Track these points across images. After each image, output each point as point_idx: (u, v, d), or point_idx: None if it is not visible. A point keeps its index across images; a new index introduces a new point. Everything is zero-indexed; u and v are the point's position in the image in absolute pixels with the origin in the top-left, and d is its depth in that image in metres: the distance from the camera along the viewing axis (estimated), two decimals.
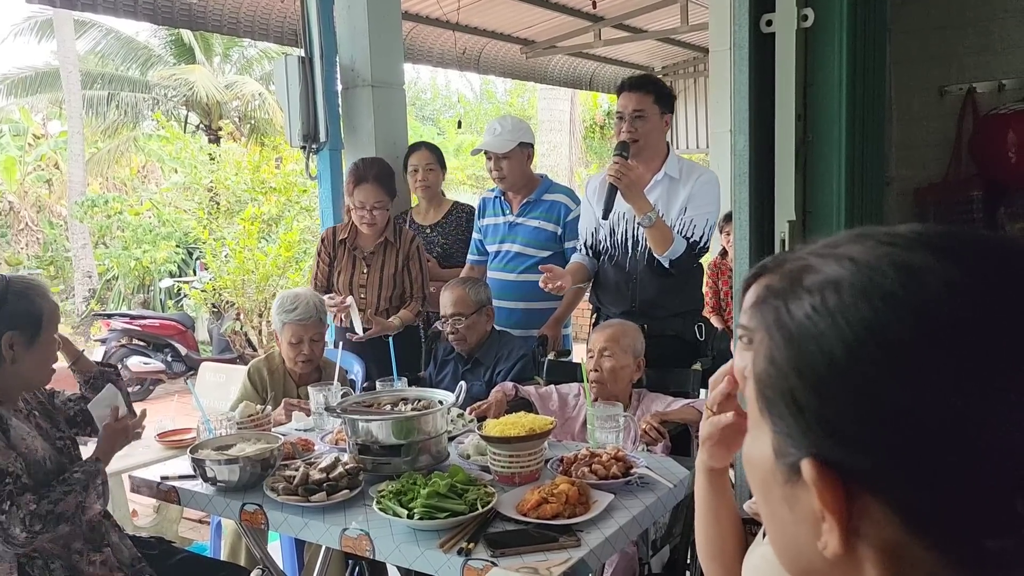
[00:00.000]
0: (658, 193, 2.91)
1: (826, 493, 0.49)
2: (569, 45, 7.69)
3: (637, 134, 2.87)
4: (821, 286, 0.50)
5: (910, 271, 0.48)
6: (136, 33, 15.46)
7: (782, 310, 0.52)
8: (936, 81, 3.08)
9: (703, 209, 2.87)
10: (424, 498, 1.80)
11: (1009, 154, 2.93)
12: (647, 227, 2.77)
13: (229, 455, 2.09)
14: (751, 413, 0.57)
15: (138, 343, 7.77)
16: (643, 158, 2.92)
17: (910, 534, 0.48)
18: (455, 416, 2.53)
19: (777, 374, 0.51)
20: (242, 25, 5.45)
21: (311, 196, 8.89)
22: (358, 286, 3.42)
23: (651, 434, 2.33)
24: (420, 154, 3.84)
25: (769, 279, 0.55)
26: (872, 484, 0.48)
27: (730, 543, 1.18)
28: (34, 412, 2.06)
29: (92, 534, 2.01)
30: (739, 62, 2.21)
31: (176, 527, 3.82)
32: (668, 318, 2.92)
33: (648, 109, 2.88)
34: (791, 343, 0.50)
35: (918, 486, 0.47)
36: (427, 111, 22.66)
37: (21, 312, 1.92)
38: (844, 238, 0.53)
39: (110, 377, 2.26)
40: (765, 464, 0.55)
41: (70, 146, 13.09)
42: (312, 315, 2.86)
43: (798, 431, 0.50)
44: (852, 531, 0.49)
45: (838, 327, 0.48)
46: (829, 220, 2.24)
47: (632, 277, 2.96)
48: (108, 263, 11.19)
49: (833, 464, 0.49)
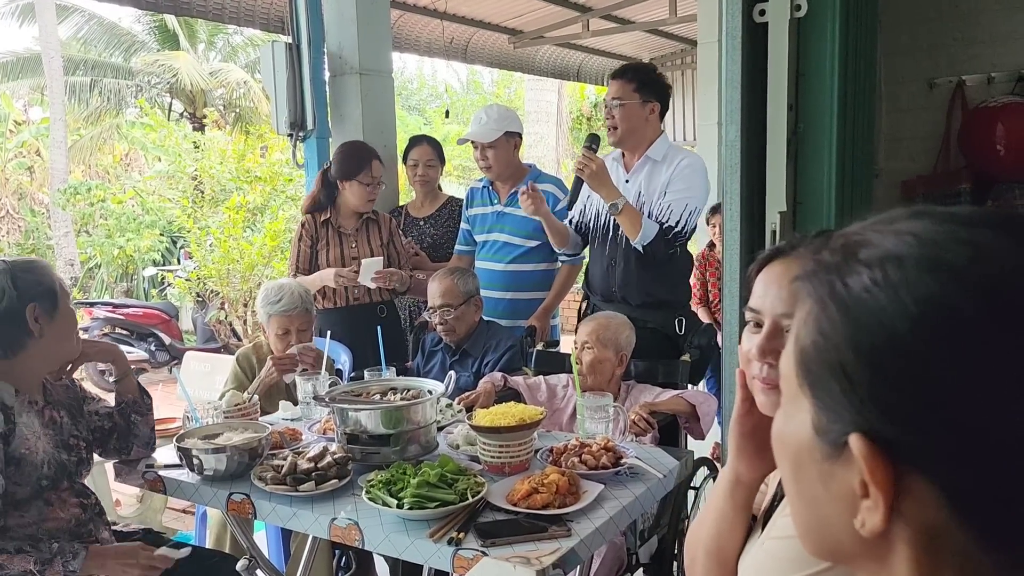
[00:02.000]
0: (640, 176, 2.92)
1: (876, 469, 0.48)
2: (557, 35, 7.66)
3: (615, 121, 2.90)
4: (881, 260, 0.49)
5: (977, 248, 0.47)
6: (120, 19, 15.35)
7: (836, 283, 0.51)
8: (925, 73, 3.09)
9: (682, 194, 2.85)
10: (414, 488, 1.79)
11: (998, 147, 2.95)
12: (615, 215, 2.81)
13: (216, 444, 2.07)
14: (787, 389, 0.56)
15: (121, 332, 7.71)
16: (628, 145, 2.94)
17: (953, 516, 0.47)
18: (444, 406, 2.52)
19: (827, 346, 0.50)
20: (227, 11, 5.38)
21: (297, 185, 8.83)
22: (349, 258, 3.43)
23: (640, 424, 2.33)
24: (421, 149, 3.85)
25: (816, 256, 0.54)
26: (922, 462, 0.47)
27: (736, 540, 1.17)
28: (60, 405, 2.03)
29: (78, 530, 1.97)
30: (731, 51, 2.20)
31: (160, 517, 3.79)
32: (649, 308, 2.91)
33: (627, 96, 2.88)
34: (846, 316, 0.49)
35: (970, 467, 0.46)
36: (413, 101, 22.54)
37: (34, 286, 1.91)
38: (900, 215, 0.52)
39: (142, 410, 2.20)
40: (801, 441, 0.54)
41: (52, 133, 12.92)
42: (298, 305, 2.84)
43: (846, 406, 0.49)
44: (894, 510, 0.49)
45: (900, 301, 0.47)
46: (819, 211, 2.24)
47: (613, 260, 2.97)
48: (91, 251, 11.07)
49: (882, 441, 0.48)
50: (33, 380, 1.98)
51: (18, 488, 1.86)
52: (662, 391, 2.59)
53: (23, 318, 1.89)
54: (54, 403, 2.02)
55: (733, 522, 1.11)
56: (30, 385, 1.96)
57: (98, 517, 2.03)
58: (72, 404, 2.09)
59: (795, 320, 0.54)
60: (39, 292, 1.92)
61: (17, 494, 1.86)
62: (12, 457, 1.86)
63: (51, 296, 1.94)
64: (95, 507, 2.03)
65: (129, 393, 2.18)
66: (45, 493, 1.93)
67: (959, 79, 3.04)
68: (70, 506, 1.97)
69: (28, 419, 1.91)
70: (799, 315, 0.53)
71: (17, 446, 1.86)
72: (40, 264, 2.00)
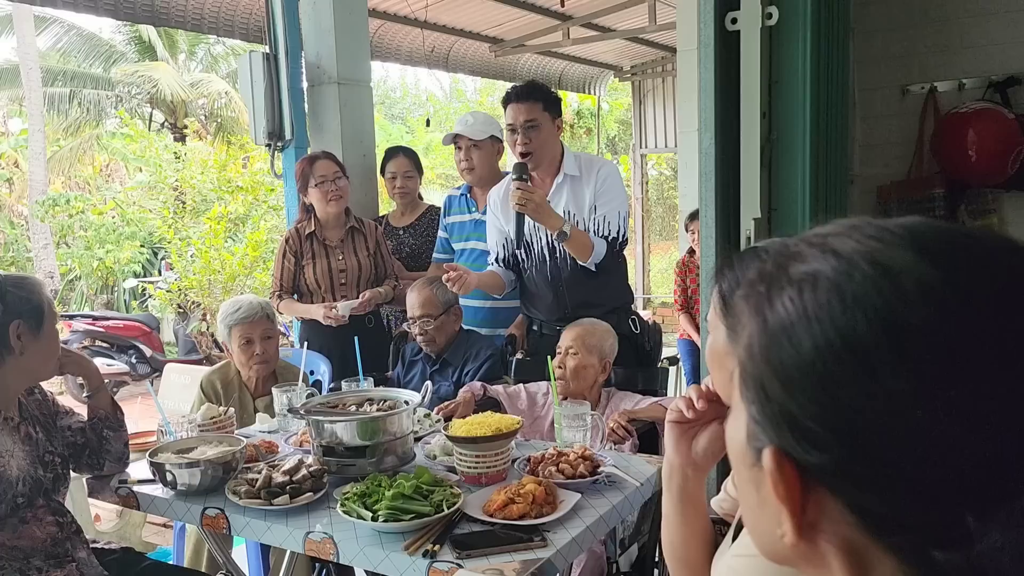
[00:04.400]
0: (564, 196, 2.89)
1: (780, 484, 0.49)
2: (538, 44, 7.69)
3: (532, 145, 2.83)
4: (801, 279, 0.50)
5: (886, 271, 0.47)
6: (99, 29, 15.20)
7: (764, 299, 0.52)
8: (898, 80, 3.12)
9: (613, 204, 2.86)
10: (389, 500, 1.77)
11: (970, 152, 2.98)
12: (564, 241, 2.75)
13: (190, 458, 2.05)
14: (734, 392, 0.57)
15: (101, 344, 7.64)
16: (543, 167, 2.90)
17: (866, 535, 0.48)
18: (422, 416, 2.51)
19: (751, 361, 0.52)
20: (206, 21, 5.37)
21: (278, 195, 8.80)
22: (337, 271, 3.42)
23: (619, 432, 2.33)
24: (398, 161, 3.85)
25: (759, 265, 0.55)
26: (829, 482, 0.48)
27: (698, 546, 1.17)
28: (35, 421, 2.01)
29: (55, 548, 1.94)
30: (705, 60, 2.21)
31: (140, 532, 3.75)
32: (603, 315, 2.90)
33: (539, 117, 2.84)
34: (766, 333, 0.50)
35: (872, 489, 0.46)
36: (396, 110, 22.53)
37: (22, 303, 1.90)
38: (838, 228, 0.52)
39: (114, 425, 2.17)
40: (738, 445, 0.55)
41: (31, 144, 12.82)
42: (257, 312, 2.80)
43: (765, 420, 0.51)
44: (810, 525, 0.50)
45: (809, 323, 0.48)
46: (794, 218, 2.26)
47: (559, 284, 2.94)
48: (70, 263, 11.00)
49: (793, 457, 0.49)
50: (8, 396, 1.95)
51: None
52: (642, 398, 2.60)
53: (5, 334, 1.87)
54: (29, 419, 2.00)
55: (687, 516, 1.13)
56: (5, 401, 1.94)
57: (75, 535, 2.00)
58: (46, 419, 2.06)
59: (737, 330, 0.55)
60: (26, 310, 1.90)
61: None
62: None
63: (37, 315, 1.92)
64: (71, 525, 2.00)
65: (102, 408, 2.16)
66: (21, 511, 1.90)
67: (931, 86, 3.07)
68: (46, 524, 1.94)
69: (3, 436, 1.89)
70: (740, 324, 0.54)
71: None
72: (31, 281, 1.99)
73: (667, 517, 1.16)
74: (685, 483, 1.13)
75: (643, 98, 10.05)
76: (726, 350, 0.99)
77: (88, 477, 2.21)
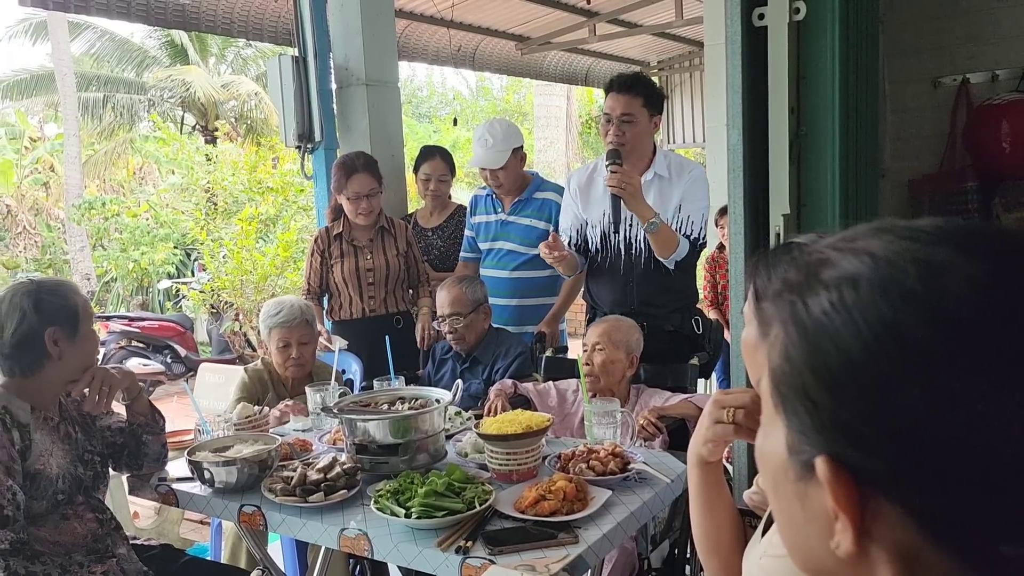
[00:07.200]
0: (652, 194, 2.87)
1: (840, 493, 0.48)
2: (564, 41, 7.68)
3: (624, 138, 2.79)
4: (839, 282, 0.49)
5: (931, 268, 0.46)
6: (131, 34, 15.47)
7: (798, 305, 0.50)
8: (929, 72, 3.09)
9: (697, 205, 2.86)
10: (422, 497, 1.80)
11: (1003, 144, 2.94)
12: (652, 232, 2.73)
13: (226, 456, 2.09)
14: (765, 407, 0.55)
15: (137, 345, 7.77)
16: (631, 161, 2.85)
17: (924, 538, 0.46)
18: (453, 414, 2.53)
19: (792, 371, 0.50)
20: (236, 25, 5.44)
21: (308, 195, 8.89)
22: (365, 271, 3.43)
23: (649, 429, 2.34)
24: (434, 163, 3.84)
25: (784, 271, 0.54)
26: (886, 487, 0.47)
27: (728, 536, 1.18)
28: (73, 421, 2.06)
29: (96, 544, 1.99)
30: (732, 56, 2.21)
31: (178, 528, 3.82)
32: (667, 314, 2.91)
33: (637, 112, 2.80)
34: (806, 339, 0.49)
35: (933, 490, 0.45)
36: (423, 109, 22.64)
37: (57, 308, 1.94)
38: (863, 232, 0.51)
39: (154, 430, 2.19)
40: (777, 460, 0.53)
41: (66, 148, 13.07)
42: (297, 317, 2.84)
43: (812, 429, 0.49)
44: (865, 532, 0.48)
45: (855, 325, 0.47)
46: (823, 213, 2.24)
47: (630, 280, 2.93)
48: (106, 265, 11.19)
49: (847, 464, 0.47)
50: (49, 398, 2.00)
51: (34, 503, 1.89)
52: (671, 395, 2.59)
53: (41, 341, 1.91)
54: (69, 419, 2.05)
55: (714, 503, 1.17)
56: (46, 402, 1.99)
57: (115, 532, 2.05)
58: (85, 420, 2.11)
59: (767, 341, 0.54)
60: (61, 316, 1.94)
61: (33, 508, 1.89)
62: (28, 472, 1.89)
63: (73, 319, 1.96)
64: (111, 522, 2.05)
65: (141, 415, 2.17)
66: (61, 507, 1.95)
67: (963, 77, 3.03)
68: (86, 520, 1.99)
69: (43, 435, 1.94)
70: (770, 336, 0.53)
71: (32, 462, 1.89)
72: (67, 287, 2.03)
73: (693, 507, 1.18)
74: (711, 474, 1.16)
75: (671, 93, 10.00)
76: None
77: (127, 475, 2.25)
